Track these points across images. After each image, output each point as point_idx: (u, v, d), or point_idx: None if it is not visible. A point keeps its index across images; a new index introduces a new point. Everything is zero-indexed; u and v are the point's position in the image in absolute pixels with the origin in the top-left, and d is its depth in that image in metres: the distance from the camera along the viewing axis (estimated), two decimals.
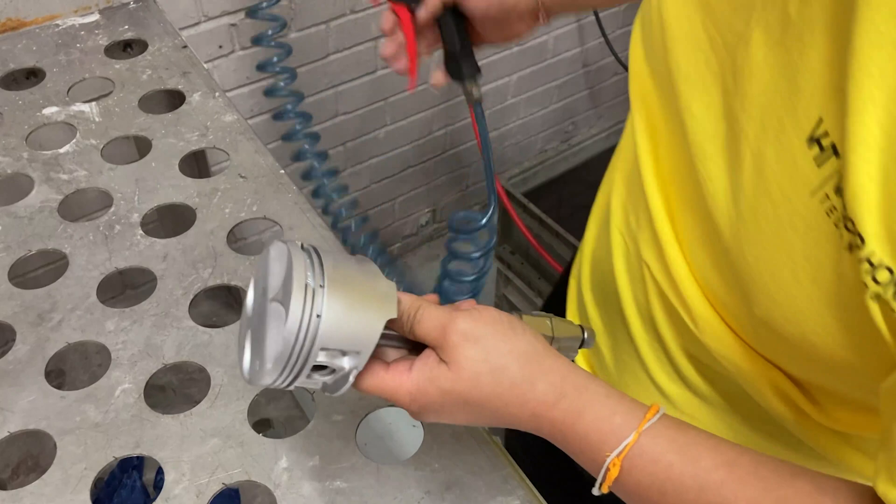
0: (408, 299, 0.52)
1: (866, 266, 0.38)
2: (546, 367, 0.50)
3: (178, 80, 1.01)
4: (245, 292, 0.57)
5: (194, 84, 1.00)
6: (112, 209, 0.85)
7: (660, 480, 0.46)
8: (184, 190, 0.87)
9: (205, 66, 1.13)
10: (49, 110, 0.96)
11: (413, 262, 2.17)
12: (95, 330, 0.73)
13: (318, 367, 0.49)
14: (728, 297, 0.55)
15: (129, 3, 1.14)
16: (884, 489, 0.40)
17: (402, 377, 0.50)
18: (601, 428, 0.48)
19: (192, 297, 0.76)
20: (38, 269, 0.94)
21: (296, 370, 0.48)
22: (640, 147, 0.64)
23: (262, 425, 0.78)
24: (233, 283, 0.78)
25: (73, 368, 0.88)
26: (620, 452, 0.47)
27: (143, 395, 0.69)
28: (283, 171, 0.89)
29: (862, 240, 0.38)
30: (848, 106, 0.38)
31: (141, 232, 0.82)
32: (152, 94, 0.99)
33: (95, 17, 1.11)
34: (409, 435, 0.89)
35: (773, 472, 0.45)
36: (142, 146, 0.93)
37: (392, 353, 0.53)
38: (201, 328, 0.74)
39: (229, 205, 0.85)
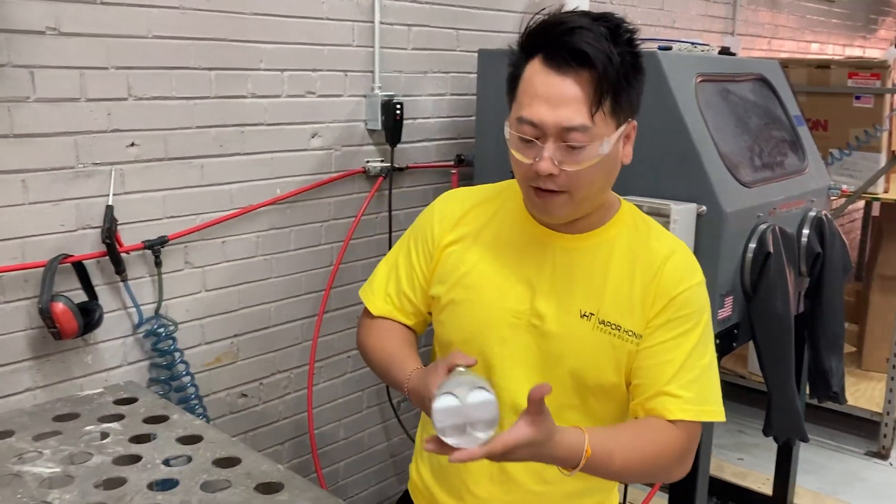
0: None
1: (620, 333, 1.27)
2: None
3: None
4: None
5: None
6: None
7: (608, 451, 1.16)
8: None
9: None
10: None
11: None
12: None
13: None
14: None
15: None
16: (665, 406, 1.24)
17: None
18: (576, 444, 1.14)
19: None
20: None
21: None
22: None
23: None
24: None
25: None
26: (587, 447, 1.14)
27: None
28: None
29: (617, 326, 1.27)
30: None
31: None
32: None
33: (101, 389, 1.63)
34: None
35: (643, 430, 1.23)
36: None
37: None
38: None
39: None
